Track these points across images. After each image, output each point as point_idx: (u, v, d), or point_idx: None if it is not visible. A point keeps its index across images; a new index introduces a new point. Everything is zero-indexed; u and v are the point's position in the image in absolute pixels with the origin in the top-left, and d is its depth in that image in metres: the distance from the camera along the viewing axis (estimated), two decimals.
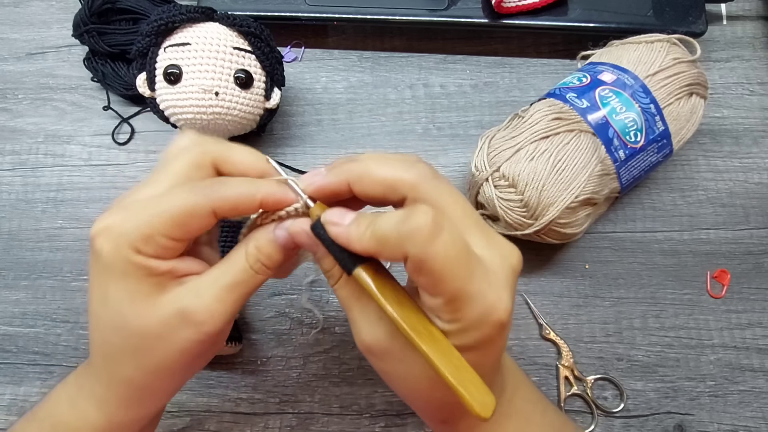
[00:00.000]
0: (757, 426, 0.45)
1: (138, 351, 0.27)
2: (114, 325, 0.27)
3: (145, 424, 0.31)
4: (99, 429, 0.29)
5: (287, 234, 0.28)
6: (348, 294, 0.28)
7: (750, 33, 0.58)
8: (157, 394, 0.30)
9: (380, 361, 0.28)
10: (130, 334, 0.27)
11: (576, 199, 0.43)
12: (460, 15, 0.53)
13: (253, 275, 0.28)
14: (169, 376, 0.28)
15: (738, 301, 0.48)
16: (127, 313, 0.26)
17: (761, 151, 0.53)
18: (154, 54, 0.45)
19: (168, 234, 0.26)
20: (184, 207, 0.26)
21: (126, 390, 0.28)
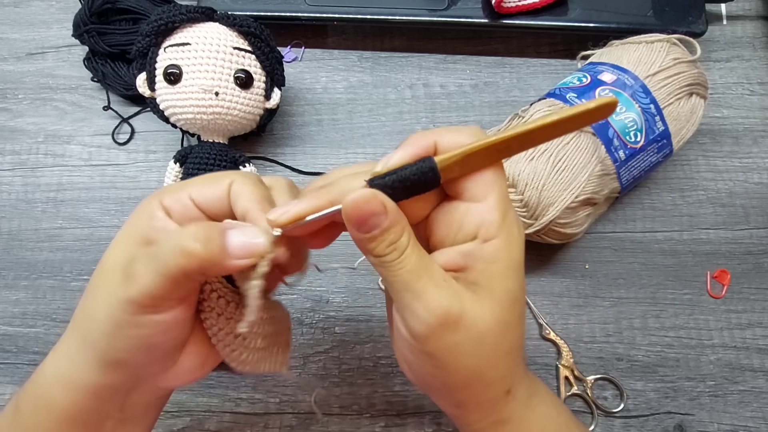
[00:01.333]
0: (757, 426, 0.45)
1: (89, 293, 0.28)
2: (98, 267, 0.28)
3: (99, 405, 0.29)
4: (47, 377, 0.29)
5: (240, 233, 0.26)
6: (415, 261, 0.26)
7: (750, 33, 0.58)
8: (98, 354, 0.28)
9: (453, 332, 0.26)
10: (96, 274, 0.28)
11: (576, 199, 0.43)
12: (460, 15, 0.53)
13: (181, 261, 0.25)
14: (103, 332, 0.27)
15: (738, 301, 0.48)
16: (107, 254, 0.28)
17: (761, 151, 0.53)
18: (154, 54, 0.45)
19: (192, 194, 0.28)
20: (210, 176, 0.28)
21: (71, 335, 0.29)
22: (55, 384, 0.29)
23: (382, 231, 0.25)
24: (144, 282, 0.25)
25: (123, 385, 0.29)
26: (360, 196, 0.25)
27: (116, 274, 0.26)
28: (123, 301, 0.25)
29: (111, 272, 0.27)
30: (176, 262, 0.24)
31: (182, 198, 0.28)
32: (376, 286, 0.48)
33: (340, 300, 0.48)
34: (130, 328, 0.26)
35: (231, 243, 0.26)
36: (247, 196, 0.27)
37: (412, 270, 0.26)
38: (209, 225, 0.26)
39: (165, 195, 0.28)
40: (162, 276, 0.25)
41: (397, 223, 0.25)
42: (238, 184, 0.28)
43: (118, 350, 0.27)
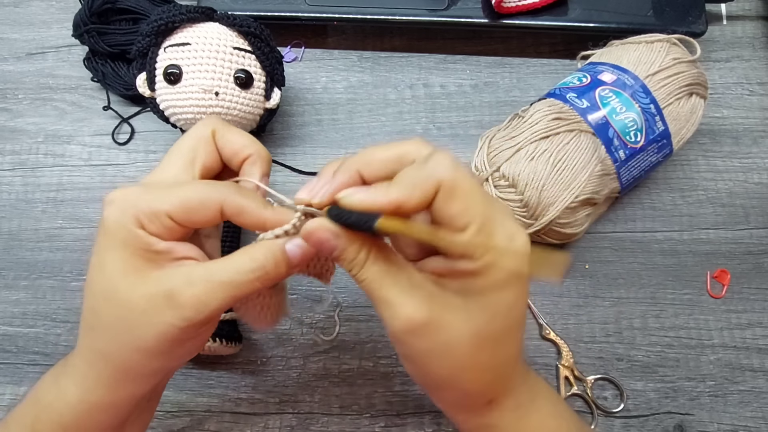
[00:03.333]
0: (757, 426, 0.45)
1: (119, 323, 0.27)
2: (103, 293, 0.27)
3: (123, 415, 0.30)
4: (74, 406, 0.29)
5: (298, 249, 0.28)
6: (377, 271, 0.27)
7: (750, 33, 0.58)
8: (134, 376, 0.29)
9: (420, 338, 0.27)
10: (116, 305, 0.27)
11: (576, 199, 0.43)
12: (460, 15, 0.53)
13: (250, 281, 0.27)
14: (146, 357, 0.28)
15: (738, 301, 0.48)
16: (118, 284, 0.27)
17: (761, 151, 0.53)
18: (154, 54, 0.45)
19: (174, 216, 0.27)
20: (196, 196, 0.27)
21: (103, 365, 0.28)
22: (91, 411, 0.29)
23: (339, 252, 0.27)
24: (207, 305, 0.26)
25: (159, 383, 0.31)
26: (310, 227, 0.27)
27: (156, 301, 0.26)
28: (180, 327, 0.26)
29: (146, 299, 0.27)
30: (248, 281, 0.27)
31: (161, 218, 0.27)
32: None
33: (340, 300, 0.48)
34: (184, 345, 0.28)
35: (292, 256, 0.28)
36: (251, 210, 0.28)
37: (373, 280, 0.27)
38: (269, 247, 0.28)
39: (140, 214, 0.27)
40: (228, 297, 0.27)
41: (348, 245, 0.27)
42: (232, 205, 0.28)
43: (166, 364, 0.29)
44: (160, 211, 0.27)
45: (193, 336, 0.28)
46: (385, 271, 0.27)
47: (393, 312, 0.27)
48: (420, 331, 0.27)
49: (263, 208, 0.28)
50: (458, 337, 0.27)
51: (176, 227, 0.27)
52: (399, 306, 0.27)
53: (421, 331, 0.27)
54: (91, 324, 0.29)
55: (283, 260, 0.28)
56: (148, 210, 0.27)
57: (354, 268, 0.27)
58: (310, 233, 0.27)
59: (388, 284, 0.27)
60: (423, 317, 0.26)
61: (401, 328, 0.27)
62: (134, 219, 0.27)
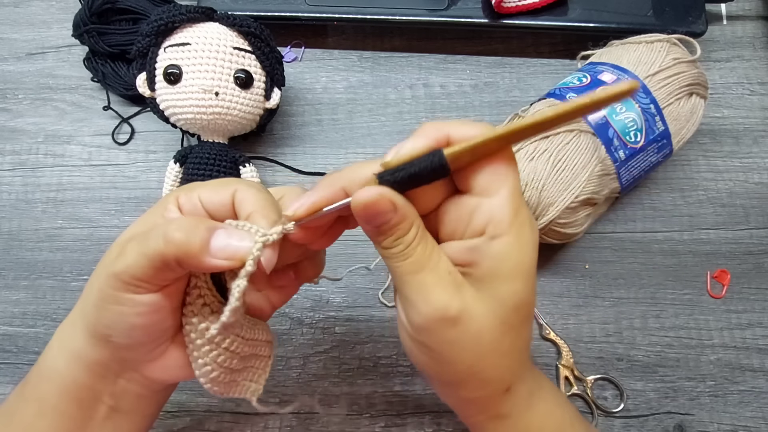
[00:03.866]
0: (757, 426, 0.45)
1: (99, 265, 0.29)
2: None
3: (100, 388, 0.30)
4: (55, 357, 0.30)
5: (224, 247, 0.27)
6: (420, 255, 0.26)
7: (750, 33, 0.58)
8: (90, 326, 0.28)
9: (451, 327, 0.26)
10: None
11: (576, 199, 0.43)
12: (460, 15, 0.53)
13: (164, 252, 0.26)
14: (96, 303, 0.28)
15: (738, 301, 0.48)
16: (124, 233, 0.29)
17: (761, 151, 0.53)
18: (154, 54, 0.45)
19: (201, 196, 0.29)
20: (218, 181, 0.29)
21: (80, 311, 0.29)
22: (56, 353, 0.30)
23: (391, 227, 0.26)
24: (128, 260, 0.26)
25: (110, 362, 0.29)
26: (369, 195, 0.25)
27: (115, 250, 0.28)
28: (109, 275, 0.27)
29: (113, 248, 0.28)
30: (157, 246, 0.26)
31: (193, 198, 0.29)
32: (377, 286, 0.48)
33: (340, 300, 0.48)
34: (112, 303, 0.27)
35: (214, 241, 0.26)
36: (250, 201, 0.28)
37: (414, 262, 0.26)
38: (200, 220, 0.27)
39: (181, 192, 0.29)
40: (143, 257, 0.26)
41: (404, 219, 0.26)
42: (242, 191, 0.29)
43: (101, 324, 0.28)
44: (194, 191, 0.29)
45: (126, 298, 0.27)
46: (428, 255, 0.26)
47: (426, 300, 0.26)
48: (452, 320, 0.26)
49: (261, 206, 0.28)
50: (486, 326, 0.26)
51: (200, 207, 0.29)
52: (436, 294, 0.26)
53: (453, 320, 0.26)
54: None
55: (200, 239, 0.26)
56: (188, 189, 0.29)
57: (399, 246, 0.26)
58: (370, 204, 0.25)
59: (429, 269, 0.26)
60: (457, 307, 0.26)
61: (433, 317, 0.26)
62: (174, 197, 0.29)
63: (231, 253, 0.26)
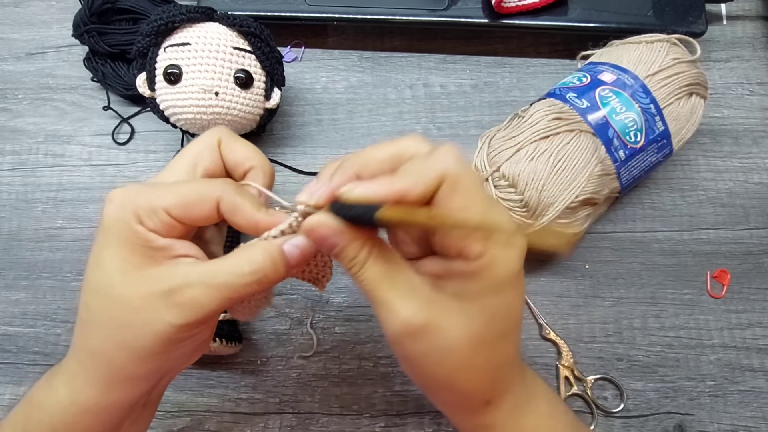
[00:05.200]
0: (757, 426, 0.45)
1: (113, 321, 0.27)
2: (99, 289, 0.27)
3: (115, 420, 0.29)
4: (64, 408, 0.28)
5: (296, 249, 0.28)
6: (377, 272, 0.27)
7: (750, 33, 0.58)
8: (126, 378, 0.28)
9: (418, 341, 0.27)
10: (111, 301, 0.27)
11: (576, 199, 0.43)
12: (460, 15, 0.53)
13: (248, 284, 0.27)
14: (138, 358, 0.27)
15: (738, 301, 0.48)
16: (115, 280, 0.27)
17: (761, 151, 0.53)
18: (154, 54, 0.45)
19: (172, 212, 0.27)
20: (193, 191, 0.28)
21: (93, 365, 0.28)
22: (80, 414, 0.28)
23: (340, 249, 0.27)
24: (203, 306, 0.26)
25: (152, 387, 0.30)
26: (312, 222, 0.27)
27: (152, 300, 0.26)
28: (176, 326, 0.26)
29: (142, 297, 0.26)
30: (244, 283, 0.27)
31: (159, 214, 0.27)
32: None
33: (340, 300, 0.48)
34: (180, 346, 0.28)
35: (291, 257, 0.28)
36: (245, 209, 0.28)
37: (373, 280, 0.27)
38: (267, 248, 0.28)
39: (139, 210, 0.27)
40: (226, 299, 0.27)
41: (350, 243, 0.27)
42: (227, 201, 0.28)
43: (160, 366, 0.28)
44: (158, 206, 0.27)
45: (188, 337, 0.28)
46: (385, 271, 0.27)
47: (391, 314, 0.27)
48: (417, 334, 0.27)
49: (257, 209, 0.28)
50: (456, 341, 0.27)
51: (175, 224, 0.27)
52: (397, 308, 0.27)
53: (418, 334, 0.27)
54: (85, 322, 0.28)
55: (281, 261, 0.28)
56: (147, 206, 0.27)
57: (354, 267, 0.27)
58: (312, 229, 0.27)
59: (388, 285, 0.27)
60: (421, 321, 0.26)
61: (399, 331, 0.27)
62: (133, 215, 0.27)
63: (306, 257, 0.28)
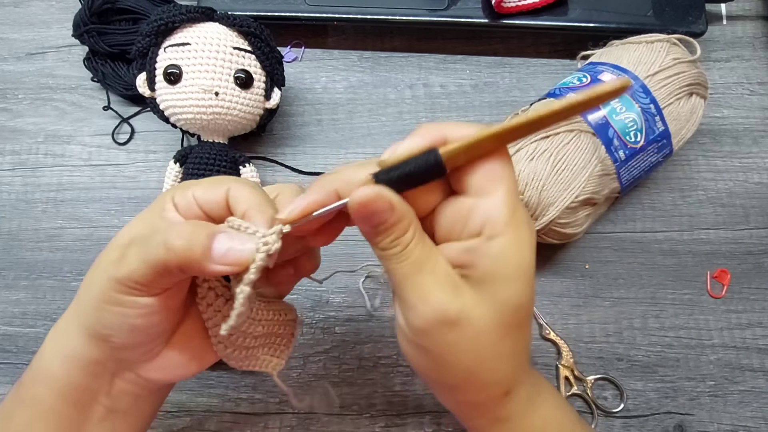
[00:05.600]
0: (757, 426, 0.45)
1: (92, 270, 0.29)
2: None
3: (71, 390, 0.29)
4: (50, 359, 0.29)
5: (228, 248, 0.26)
6: (418, 256, 0.26)
7: (750, 33, 0.58)
8: (94, 333, 0.28)
9: (450, 329, 0.26)
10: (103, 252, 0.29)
11: (576, 199, 0.43)
12: (460, 15, 0.53)
13: (168, 252, 0.26)
14: (93, 308, 0.28)
15: (738, 301, 0.48)
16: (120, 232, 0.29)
17: (761, 151, 0.53)
18: (154, 54, 0.45)
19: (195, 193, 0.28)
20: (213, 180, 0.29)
21: (76, 310, 0.29)
22: (51, 354, 0.30)
23: (388, 226, 0.25)
24: (130, 266, 0.26)
25: (107, 362, 0.29)
26: (366, 194, 0.25)
27: (116, 252, 0.27)
28: (111, 279, 0.27)
29: (113, 250, 0.28)
30: (158, 254, 0.26)
31: (188, 196, 0.28)
32: (377, 286, 0.48)
33: (340, 300, 0.48)
34: (113, 305, 0.27)
35: (216, 248, 0.26)
36: (245, 199, 0.28)
37: (413, 264, 0.26)
38: (200, 225, 0.27)
39: (177, 191, 0.29)
40: (145, 264, 0.26)
41: (402, 219, 0.25)
42: (236, 189, 0.28)
43: (101, 324, 0.28)
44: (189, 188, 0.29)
45: (126, 301, 0.27)
46: (426, 255, 0.26)
47: (425, 301, 0.25)
48: (451, 322, 0.26)
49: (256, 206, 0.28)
50: (485, 328, 0.26)
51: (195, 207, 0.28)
52: (433, 295, 0.25)
53: (452, 323, 0.26)
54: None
55: (200, 245, 0.25)
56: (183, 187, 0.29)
57: (397, 247, 0.26)
58: (367, 203, 0.25)
59: (428, 271, 0.26)
60: (456, 309, 0.25)
61: (431, 319, 0.26)
62: (170, 194, 0.29)
63: (234, 259, 0.26)
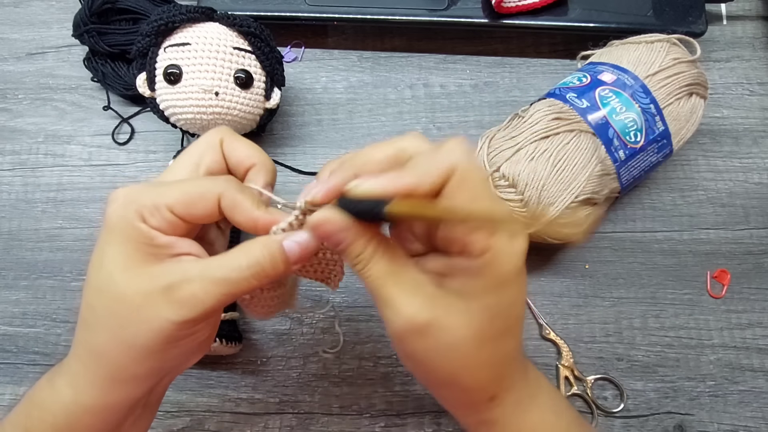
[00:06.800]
0: (757, 426, 0.45)
1: (114, 319, 0.27)
2: (101, 287, 0.27)
3: (116, 419, 0.29)
4: (66, 407, 0.28)
5: (296, 245, 0.28)
6: (382, 269, 0.27)
7: (750, 33, 0.58)
8: (127, 377, 0.28)
9: (422, 338, 0.27)
10: (112, 299, 0.27)
11: (576, 199, 0.43)
12: (460, 15, 0.53)
13: (246, 279, 0.27)
14: (139, 356, 0.27)
15: (738, 301, 0.48)
16: (116, 277, 0.27)
17: (761, 151, 0.53)
18: (154, 54, 0.45)
19: (175, 209, 0.27)
20: (195, 188, 0.28)
21: (95, 364, 0.28)
22: (83, 414, 0.28)
23: (345, 246, 0.27)
24: (202, 302, 0.26)
25: (154, 387, 0.30)
26: (318, 218, 0.26)
27: (152, 296, 0.26)
28: (175, 323, 0.26)
29: (143, 294, 0.26)
30: (242, 278, 0.27)
31: (162, 211, 0.27)
32: None
33: (340, 300, 0.48)
34: (181, 344, 0.27)
35: (291, 252, 0.28)
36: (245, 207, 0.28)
37: (378, 277, 0.27)
38: (266, 243, 0.27)
39: (142, 208, 0.27)
40: (224, 295, 0.26)
41: (356, 240, 0.27)
42: (228, 197, 0.28)
43: (161, 365, 0.28)
44: (161, 203, 0.27)
45: (188, 335, 0.27)
46: (389, 268, 0.27)
47: (395, 311, 0.27)
48: (422, 331, 0.27)
49: (256, 207, 0.28)
50: (459, 338, 0.27)
51: (178, 221, 0.27)
52: (402, 305, 0.27)
53: (422, 331, 0.27)
54: (87, 320, 0.28)
55: (280, 257, 0.27)
56: (150, 203, 0.27)
57: (359, 264, 0.27)
58: (318, 225, 0.27)
59: (393, 283, 0.27)
60: (425, 318, 0.26)
61: (403, 328, 0.27)
62: (136, 213, 0.27)
63: (307, 253, 0.28)
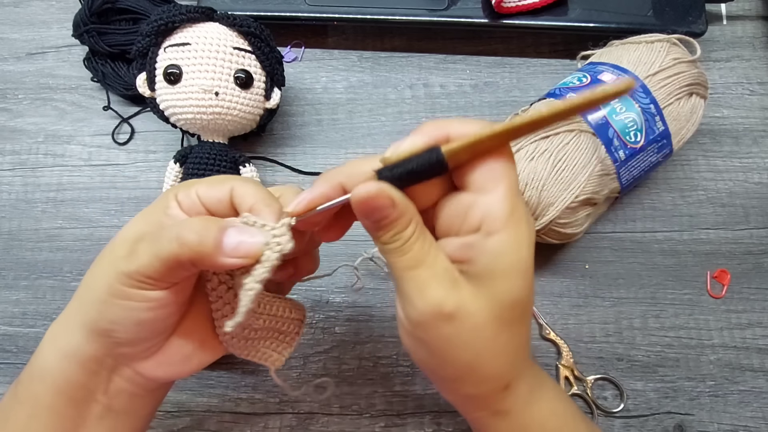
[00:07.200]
0: (757, 426, 0.45)
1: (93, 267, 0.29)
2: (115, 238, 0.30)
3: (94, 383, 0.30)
4: (47, 357, 0.29)
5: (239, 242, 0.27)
6: (419, 250, 0.26)
7: (750, 33, 0.58)
8: (95, 329, 0.28)
9: (447, 324, 0.26)
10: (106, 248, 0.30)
11: (576, 199, 0.43)
12: (460, 15, 0.53)
13: (179, 247, 0.26)
14: (98, 301, 0.28)
15: (738, 301, 0.48)
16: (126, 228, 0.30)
17: (761, 151, 0.53)
18: (154, 54, 0.45)
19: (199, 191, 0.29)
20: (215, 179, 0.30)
21: (77, 307, 0.30)
22: (49, 352, 0.30)
23: (389, 222, 0.26)
24: (141, 260, 0.27)
25: (105, 358, 0.29)
26: (368, 190, 0.25)
27: (123, 247, 0.28)
28: (120, 273, 0.27)
29: (120, 245, 0.28)
30: (171, 248, 0.26)
31: (191, 194, 0.29)
32: (377, 286, 0.48)
33: (340, 300, 0.48)
34: (121, 299, 0.27)
35: (227, 241, 0.27)
36: (251, 194, 0.29)
37: (412, 258, 0.26)
38: (211, 220, 0.28)
39: (180, 189, 0.30)
40: (157, 258, 0.26)
41: (403, 215, 0.26)
42: (240, 187, 0.29)
43: (106, 319, 0.28)
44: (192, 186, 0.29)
45: (135, 290, 0.27)
46: (426, 250, 0.26)
47: (423, 296, 0.26)
48: (448, 317, 0.26)
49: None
50: (481, 323, 0.26)
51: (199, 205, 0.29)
52: (431, 290, 0.26)
53: (449, 317, 0.26)
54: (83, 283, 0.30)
55: (212, 239, 0.26)
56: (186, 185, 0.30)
57: (397, 242, 0.26)
58: (368, 199, 0.25)
59: (426, 265, 0.26)
60: (453, 303, 0.26)
61: (429, 314, 0.26)
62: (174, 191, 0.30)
63: (245, 252, 0.27)
